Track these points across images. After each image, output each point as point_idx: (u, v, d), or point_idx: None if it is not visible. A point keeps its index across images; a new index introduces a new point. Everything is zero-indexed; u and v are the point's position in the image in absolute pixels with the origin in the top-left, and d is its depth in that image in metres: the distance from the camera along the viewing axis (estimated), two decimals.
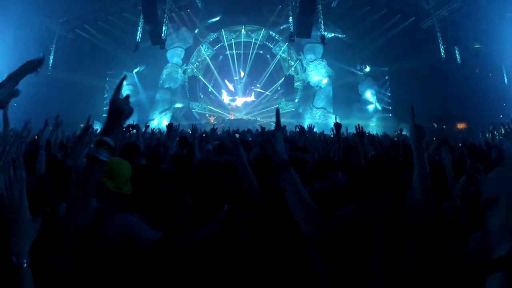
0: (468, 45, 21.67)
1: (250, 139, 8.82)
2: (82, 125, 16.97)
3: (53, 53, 23.80)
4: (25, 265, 1.31)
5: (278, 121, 2.22)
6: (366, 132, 7.53)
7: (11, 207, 1.33)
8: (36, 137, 6.70)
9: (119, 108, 1.69)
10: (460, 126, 20.20)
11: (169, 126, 7.98)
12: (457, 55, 21.77)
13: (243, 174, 2.66)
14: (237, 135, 10.08)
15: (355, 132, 4.83)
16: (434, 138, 4.33)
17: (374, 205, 2.48)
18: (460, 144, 7.11)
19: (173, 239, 2.42)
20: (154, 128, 8.57)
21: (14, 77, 1.63)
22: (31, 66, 1.72)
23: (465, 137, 12.79)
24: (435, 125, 12.61)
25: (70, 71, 23.09)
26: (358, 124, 4.76)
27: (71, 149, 4.26)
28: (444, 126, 19.38)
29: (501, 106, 19.94)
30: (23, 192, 1.35)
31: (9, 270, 1.49)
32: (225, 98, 27.01)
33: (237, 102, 26.86)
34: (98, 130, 10.96)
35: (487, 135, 13.23)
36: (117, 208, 2.54)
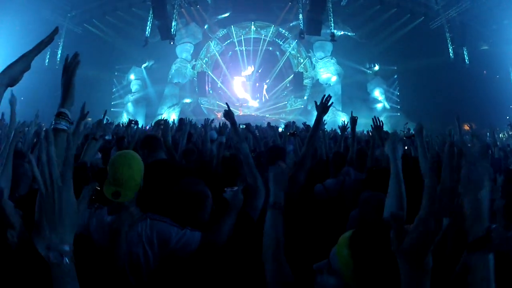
0: (476, 46, 22.12)
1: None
2: (90, 119, 17.10)
3: (61, 47, 23.63)
4: (67, 261, 1.07)
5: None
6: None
7: (51, 191, 1.08)
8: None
9: (68, 77, 1.81)
10: (467, 127, 20.69)
11: (180, 120, 7.97)
12: (465, 56, 22.23)
13: (246, 168, 2.85)
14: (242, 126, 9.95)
15: (372, 127, 4.50)
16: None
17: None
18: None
19: (212, 237, 2.36)
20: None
21: (28, 55, 1.52)
22: (43, 43, 1.57)
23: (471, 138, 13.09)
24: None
25: (79, 66, 22.95)
26: (375, 117, 4.50)
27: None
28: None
29: (508, 108, 20.50)
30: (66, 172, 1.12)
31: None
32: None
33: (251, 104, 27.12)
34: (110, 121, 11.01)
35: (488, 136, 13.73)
36: (135, 218, 2.32)
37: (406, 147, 6.42)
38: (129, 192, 2.31)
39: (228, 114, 3.65)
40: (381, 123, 4.42)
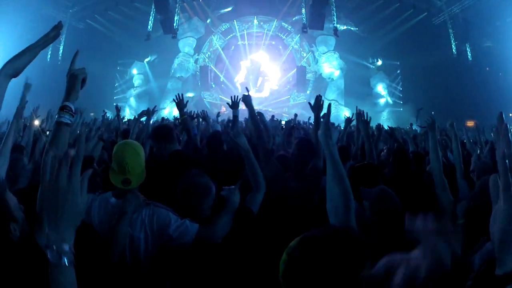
0: (479, 43, 22.10)
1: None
2: (92, 114, 17.26)
3: (63, 43, 23.54)
4: (66, 262, 0.97)
5: None
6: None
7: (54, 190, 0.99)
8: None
9: (74, 74, 1.76)
10: (470, 124, 20.77)
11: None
12: (468, 52, 22.26)
13: (247, 162, 2.78)
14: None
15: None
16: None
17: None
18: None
19: (207, 232, 2.39)
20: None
21: (33, 49, 1.69)
22: (49, 38, 1.76)
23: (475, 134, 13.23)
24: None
25: (81, 61, 22.63)
26: (362, 111, 4.49)
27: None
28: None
29: (511, 105, 20.54)
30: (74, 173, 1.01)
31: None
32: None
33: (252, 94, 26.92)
34: (110, 117, 11.13)
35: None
36: (141, 203, 2.40)
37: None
38: (136, 178, 2.41)
39: (246, 99, 3.78)
40: (368, 118, 4.49)
